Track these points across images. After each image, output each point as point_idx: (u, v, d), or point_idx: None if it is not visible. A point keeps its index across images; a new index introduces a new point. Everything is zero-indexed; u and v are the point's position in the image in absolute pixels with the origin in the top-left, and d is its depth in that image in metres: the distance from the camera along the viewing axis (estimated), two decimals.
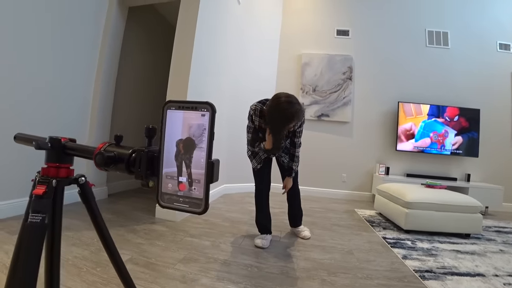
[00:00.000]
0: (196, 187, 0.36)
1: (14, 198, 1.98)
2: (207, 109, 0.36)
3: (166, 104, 0.38)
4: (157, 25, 3.84)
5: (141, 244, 1.74)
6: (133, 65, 3.38)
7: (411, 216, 2.41)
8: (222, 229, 2.20)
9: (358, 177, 4.13)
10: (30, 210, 0.46)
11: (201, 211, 0.36)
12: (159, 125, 0.38)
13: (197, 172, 0.36)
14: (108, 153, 0.42)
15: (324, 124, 4.18)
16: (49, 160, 0.50)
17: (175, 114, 0.37)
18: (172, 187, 0.38)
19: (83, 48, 2.60)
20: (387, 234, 2.37)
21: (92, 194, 0.58)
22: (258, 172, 1.93)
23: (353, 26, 4.30)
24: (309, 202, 3.54)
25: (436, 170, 4.03)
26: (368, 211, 3.25)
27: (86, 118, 2.71)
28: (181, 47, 2.42)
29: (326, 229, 2.41)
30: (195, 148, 0.36)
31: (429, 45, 4.18)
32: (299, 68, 4.27)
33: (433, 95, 4.08)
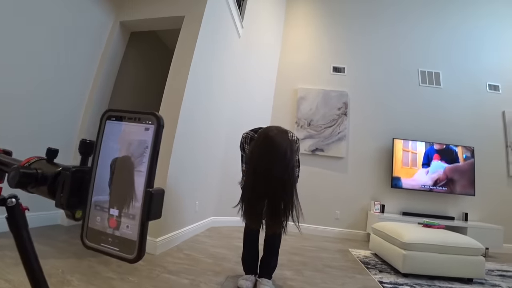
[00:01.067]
0: (130, 224, 0.27)
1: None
2: (151, 121, 0.27)
3: (105, 113, 0.29)
4: (156, 49, 3.91)
5: (111, 278, 1.56)
6: (129, 86, 3.38)
7: (409, 258, 2.25)
8: (204, 266, 2.01)
9: (352, 215, 3.98)
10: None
11: (132, 258, 0.26)
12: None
13: (133, 205, 0.27)
14: (27, 170, 0.33)
15: (318, 158, 4.11)
16: None
17: (115, 126, 0.29)
18: (100, 222, 0.28)
19: (80, 67, 2.61)
20: (384, 278, 2.20)
21: (25, 220, 0.46)
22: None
23: (349, 63, 4.42)
24: (300, 240, 3.35)
25: (433, 208, 3.90)
26: (363, 251, 3.07)
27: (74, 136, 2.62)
28: (176, 75, 2.42)
29: (317, 271, 2.23)
30: (131, 172, 0.27)
31: (422, 84, 4.28)
32: (294, 102, 4.30)
33: (428, 133, 4.09)
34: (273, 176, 1.35)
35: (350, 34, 4.54)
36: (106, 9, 2.81)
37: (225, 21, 3.17)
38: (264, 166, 1.37)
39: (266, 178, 1.36)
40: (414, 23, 4.49)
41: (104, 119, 0.29)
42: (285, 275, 2.03)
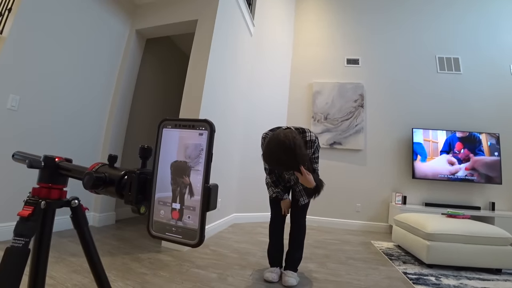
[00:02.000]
0: (191, 215, 0.32)
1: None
2: (205, 127, 0.32)
3: (162, 122, 0.35)
4: (172, 54, 4.01)
5: (144, 274, 1.66)
6: (148, 92, 3.50)
7: (434, 249, 2.23)
8: (231, 260, 2.09)
9: (373, 207, 3.95)
10: (13, 233, 0.42)
11: (195, 243, 0.31)
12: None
13: (193, 199, 0.32)
14: (98, 174, 0.39)
15: (336, 152, 4.10)
16: (41, 180, 0.47)
17: (171, 133, 0.34)
18: (164, 215, 0.33)
19: (102, 76, 2.75)
20: (408, 269, 2.19)
21: (85, 218, 0.53)
22: (275, 201, 1.86)
23: (363, 54, 4.36)
24: (322, 234, 3.37)
25: (457, 198, 3.81)
26: (386, 243, 3.06)
27: (99, 141, 2.77)
28: (193, 76, 2.49)
29: (341, 263, 2.26)
30: (188, 172, 0.32)
31: (441, 71, 4.16)
32: (310, 97, 4.30)
33: (448, 121, 3.98)
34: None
35: (362, 24, 4.47)
36: (122, 19, 2.93)
37: (237, 21, 3.22)
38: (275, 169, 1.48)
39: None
40: (428, 8, 4.36)
41: (161, 127, 0.35)
42: (309, 267, 2.07)
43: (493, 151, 3.75)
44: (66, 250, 1.87)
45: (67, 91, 2.41)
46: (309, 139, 1.63)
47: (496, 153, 3.73)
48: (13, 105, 1.98)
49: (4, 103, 1.93)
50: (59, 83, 2.33)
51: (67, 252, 1.83)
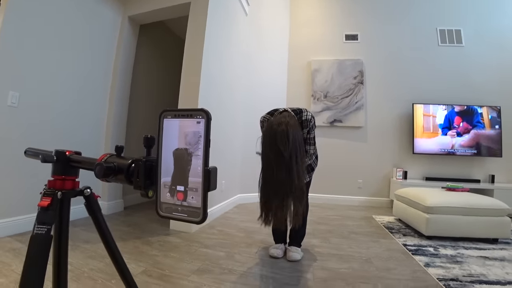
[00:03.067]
0: (194, 195, 0.36)
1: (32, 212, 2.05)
2: (202, 116, 0.35)
3: (162, 113, 0.38)
4: (168, 39, 3.96)
5: (155, 255, 1.74)
6: (145, 79, 3.48)
7: (433, 222, 2.30)
8: (237, 239, 2.18)
9: (374, 183, 4.02)
10: (36, 222, 0.46)
11: (199, 220, 0.35)
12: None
13: (195, 181, 0.35)
14: (107, 164, 0.42)
15: (337, 130, 4.12)
16: (55, 173, 0.51)
17: (171, 122, 0.37)
18: (170, 197, 0.37)
19: (98, 67, 2.73)
20: (408, 241, 2.28)
21: (98, 205, 0.58)
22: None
23: (362, 30, 4.27)
24: (324, 210, 3.46)
25: (456, 172, 3.86)
26: (387, 217, 3.15)
27: (101, 132, 2.80)
28: (190, 60, 2.48)
29: (343, 237, 2.34)
30: (189, 157, 0.35)
31: (442, 44, 4.08)
32: (309, 75, 4.26)
33: (450, 95, 3.95)
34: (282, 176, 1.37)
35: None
36: (113, 6, 2.87)
37: (231, 0, 3.15)
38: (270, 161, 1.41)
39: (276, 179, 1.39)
40: None
41: (162, 118, 0.38)
42: (312, 242, 2.15)
43: (494, 124, 3.75)
44: (79, 238, 1.96)
45: (65, 84, 2.40)
46: (305, 119, 1.66)
47: (497, 126, 3.74)
48: (13, 102, 1.98)
49: (4, 101, 1.93)
50: (57, 77, 2.32)
51: (80, 240, 1.91)
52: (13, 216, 1.97)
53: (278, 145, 1.37)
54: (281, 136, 1.38)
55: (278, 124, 1.42)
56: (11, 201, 1.98)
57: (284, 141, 1.38)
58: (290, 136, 1.39)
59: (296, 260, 1.77)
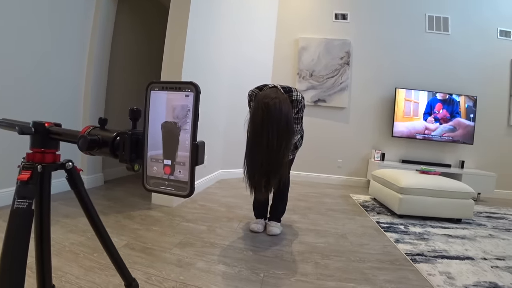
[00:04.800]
0: (181, 170, 0.36)
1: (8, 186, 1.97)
2: (191, 89, 0.35)
3: (149, 85, 0.37)
4: (149, 5, 3.73)
5: (137, 229, 1.75)
6: (126, 49, 3.30)
7: (405, 202, 2.44)
8: (218, 214, 2.22)
9: (353, 163, 4.16)
10: (16, 196, 0.45)
11: (186, 194, 0.35)
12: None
13: (182, 155, 0.35)
14: (91, 137, 0.41)
15: (320, 109, 4.16)
16: (34, 146, 0.49)
17: (158, 95, 0.36)
18: (157, 170, 0.37)
19: (72, 31, 2.51)
20: (381, 219, 2.41)
21: (81, 179, 0.57)
22: None
23: (352, 9, 4.21)
24: (304, 188, 3.57)
25: (430, 156, 4.06)
26: (363, 196, 3.30)
27: (79, 104, 2.66)
28: (174, 31, 2.35)
29: (321, 214, 2.45)
30: (178, 131, 0.35)
31: (429, 30, 4.11)
32: (296, 53, 4.21)
33: (431, 82, 4.06)
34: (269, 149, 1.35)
35: None
36: None
37: None
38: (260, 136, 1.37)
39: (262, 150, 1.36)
40: None
41: (148, 90, 0.37)
42: (292, 218, 2.24)
43: (469, 113, 3.92)
44: (59, 212, 1.91)
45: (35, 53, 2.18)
46: (295, 99, 1.64)
47: (472, 115, 3.91)
48: None
49: None
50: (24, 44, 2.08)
51: (60, 214, 1.88)
52: None
53: (271, 117, 1.35)
54: (274, 109, 1.36)
55: (271, 98, 1.40)
56: None
57: (277, 114, 1.36)
58: (283, 111, 1.38)
59: (275, 234, 1.84)
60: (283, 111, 1.39)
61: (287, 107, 1.43)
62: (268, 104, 1.38)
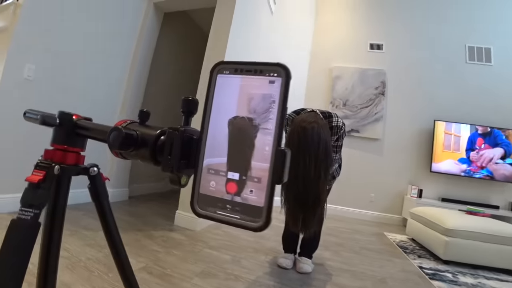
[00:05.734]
0: (254, 188, 0.23)
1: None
2: (278, 73, 0.24)
3: (216, 67, 0.26)
4: (189, 30, 3.88)
5: (157, 251, 1.63)
6: (164, 67, 3.41)
7: (452, 246, 2.14)
8: (244, 243, 2.05)
9: (387, 198, 3.85)
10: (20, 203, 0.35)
11: (259, 226, 0.23)
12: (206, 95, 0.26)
13: (258, 167, 0.23)
14: (127, 131, 0.31)
15: (353, 139, 3.97)
16: (55, 141, 0.39)
17: (229, 80, 0.25)
18: (216, 187, 0.25)
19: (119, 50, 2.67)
20: (423, 263, 2.12)
21: (105, 190, 0.46)
22: None
23: (388, 40, 4.13)
24: (334, 222, 3.31)
25: (475, 196, 3.66)
26: (399, 236, 2.98)
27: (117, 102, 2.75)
28: (213, 53, 2.38)
29: (354, 253, 2.20)
30: (254, 131, 0.24)
31: (470, 61, 3.91)
32: (329, 82, 4.13)
33: (474, 115, 3.76)
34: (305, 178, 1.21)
35: (388, 7, 4.21)
36: None
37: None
38: (295, 164, 1.22)
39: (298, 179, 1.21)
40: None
41: (215, 73, 0.26)
42: (323, 255, 2.02)
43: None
44: (79, 223, 1.86)
45: (83, 59, 2.34)
46: (335, 125, 1.52)
47: None
48: (29, 75, 1.94)
49: (20, 73, 1.89)
50: (75, 52, 2.26)
51: (80, 225, 1.82)
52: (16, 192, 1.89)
53: (308, 143, 1.22)
54: (312, 136, 1.23)
55: (309, 122, 1.27)
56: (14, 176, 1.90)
57: (315, 140, 1.23)
58: (322, 137, 1.25)
59: (306, 273, 1.63)
60: (322, 137, 1.25)
61: (326, 133, 1.29)
62: (306, 129, 1.25)
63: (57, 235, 0.43)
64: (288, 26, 3.96)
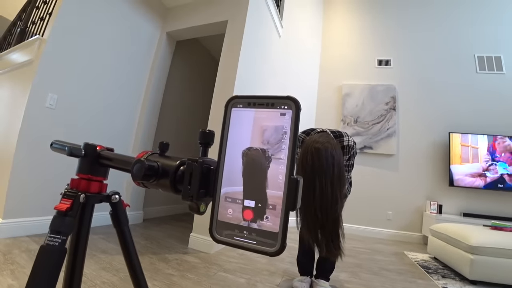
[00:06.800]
0: (270, 215, 0.25)
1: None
2: (288, 105, 0.26)
3: (230, 101, 0.28)
4: (200, 57, 4.03)
5: (172, 275, 1.62)
6: (176, 93, 3.53)
7: (478, 264, 2.03)
8: (259, 265, 2.01)
9: (405, 215, 3.73)
10: (49, 230, 0.37)
11: (274, 251, 0.25)
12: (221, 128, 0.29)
13: (272, 194, 0.25)
14: (150, 163, 0.33)
15: (367, 156, 3.92)
16: (80, 171, 0.43)
17: (243, 113, 0.28)
18: (233, 214, 0.27)
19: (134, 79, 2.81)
20: (449, 284, 2.01)
21: (126, 217, 0.49)
22: None
23: (395, 55, 4.16)
24: (351, 242, 3.21)
25: (499, 209, 3.50)
26: (420, 255, 2.85)
27: (131, 132, 2.83)
28: (223, 78, 2.45)
29: (374, 274, 2.11)
30: (267, 162, 0.26)
31: (480, 71, 3.87)
32: (339, 99, 4.16)
33: (489, 125, 3.68)
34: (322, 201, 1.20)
35: (394, 23, 4.28)
36: (154, 22, 2.98)
37: (266, 22, 3.15)
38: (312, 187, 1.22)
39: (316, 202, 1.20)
40: (465, 3, 4.08)
41: (229, 107, 0.28)
42: (340, 277, 1.95)
43: None
44: (96, 246, 1.88)
45: (100, 90, 2.47)
46: (347, 144, 1.51)
47: None
48: (51, 103, 2.06)
49: (43, 102, 2.01)
50: (94, 82, 2.39)
51: (97, 249, 1.84)
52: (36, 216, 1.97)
53: (322, 165, 1.22)
54: (327, 158, 1.23)
55: (322, 143, 1.27)
56: (38, 200, 2.00)
57: (330, 161, 1.23)
58: (336, 158, 1.25)
59: None
60: (336, 158, 1.25)
61: (339, 154, 1.29)
62: (319, 150, 1.25)
63: (81, 261, 0.45)
64: (296, 47, 4.06)
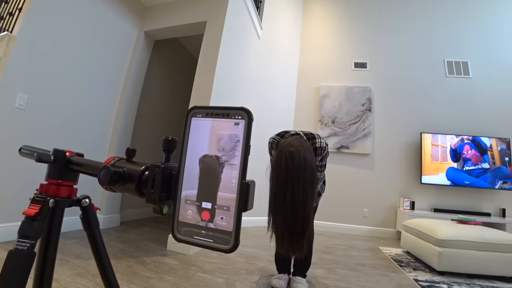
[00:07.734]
0: (224, 216, 0.28)
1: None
2: (241, 116, 0.28)
3: (191, 111, 0.31)
4: (179, 56, 3.99)
5: (149, 278, 1.61)
6: (155, 93, 3.47)
7: (445, 256, 2.16)
8: (238, 265, 2.03)
9: (380, 212, 3.88)
10: (17, 235, 0.38)
11: (228, 248, 0.27)
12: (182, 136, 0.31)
13: (226, 197, 0.28)
14: (115, 169, 0.35)
15: (343, 156, 4.04)
16: (50, 176, 0.43)
17: (201, 123, 0.30)
18: (192, 215, 0.29)
19: (110, 78, 2.74)
20: (419, 276, 2.13)
21: (97, 220, 0.49)
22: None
23: (371, 58, 4.32)
24: (329, 239, 3.31)
25: (466, 204, 3.73)
26: (394, 249, 2.99)
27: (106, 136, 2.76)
28: (202, 78, 2.46)
29: (350, 269, 2.20)
30: (220, 167, 0.28)
31: (449, 75, 4.10)
32: (317, 100, 4.26)
33: (457, 126, 3.91)
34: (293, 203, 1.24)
35: (370, 27, 4.44)
36: (131, 20, 2.92)
37: (245, 23, 3.18)
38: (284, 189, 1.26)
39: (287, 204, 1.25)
40: (437, 11, 4.31)
41: (189, 117, 0.31)
42: (318, 273, 2.01)
43: (503, 156, 3.68)
44: (70, 251, 1.83)
45: (75, 90, 2.39)
46: (319, 146, 1.56)
47: (507, 158, 3.66)
48: (21, 104, 1.97)
49: (12, 102, 1.93)
50: (67, 82, 2.32)
51: (71, 254, 1.79)
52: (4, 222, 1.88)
53: (295, 168, 1.25)
54: (299, 161, 1.27)
55: (295, 147, 1.31)
56: (6, 206, 1.90)
57: (302, 164, 1.26)
58: (308, 161, 1.29)
59: None
60: (308, 161, 1.29)
61: (311, 156, 1.34)
62: (293, 153, 1.29)
63: (50, 265, 0.45)
64: (275, 49, 4.12)
